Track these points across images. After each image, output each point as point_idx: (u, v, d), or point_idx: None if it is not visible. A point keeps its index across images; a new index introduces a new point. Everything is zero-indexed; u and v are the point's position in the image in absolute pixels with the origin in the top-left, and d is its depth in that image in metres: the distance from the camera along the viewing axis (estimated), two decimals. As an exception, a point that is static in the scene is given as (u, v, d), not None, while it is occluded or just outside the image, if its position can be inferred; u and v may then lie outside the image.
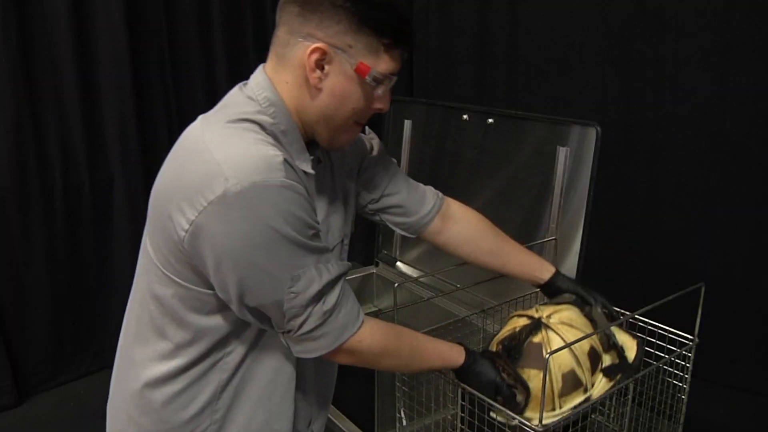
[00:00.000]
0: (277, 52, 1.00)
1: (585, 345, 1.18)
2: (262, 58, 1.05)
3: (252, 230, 0.88)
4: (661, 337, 1.28)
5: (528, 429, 1.08)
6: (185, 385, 1.03)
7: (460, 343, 1.16)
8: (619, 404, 1.34)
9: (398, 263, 2.18)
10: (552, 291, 1.33)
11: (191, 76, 2.79)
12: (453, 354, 1.12)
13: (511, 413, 1.10)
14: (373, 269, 2.25)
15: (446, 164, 2.03)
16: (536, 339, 1.19)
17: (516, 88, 2.85)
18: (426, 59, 3.24)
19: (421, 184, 1.33)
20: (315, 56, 0.95)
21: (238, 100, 1.00)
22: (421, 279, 2.05)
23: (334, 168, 1.16)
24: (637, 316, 1.26)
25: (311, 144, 1.06)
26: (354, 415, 1.44)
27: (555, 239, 1.63)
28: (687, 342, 1.26)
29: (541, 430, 1.07)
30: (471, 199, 1.92)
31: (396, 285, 1.31)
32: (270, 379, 1.06)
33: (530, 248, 1.71)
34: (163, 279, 1.00)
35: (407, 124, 2.13)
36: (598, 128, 1.57)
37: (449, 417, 1.31)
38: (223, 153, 0.89)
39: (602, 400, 1.23)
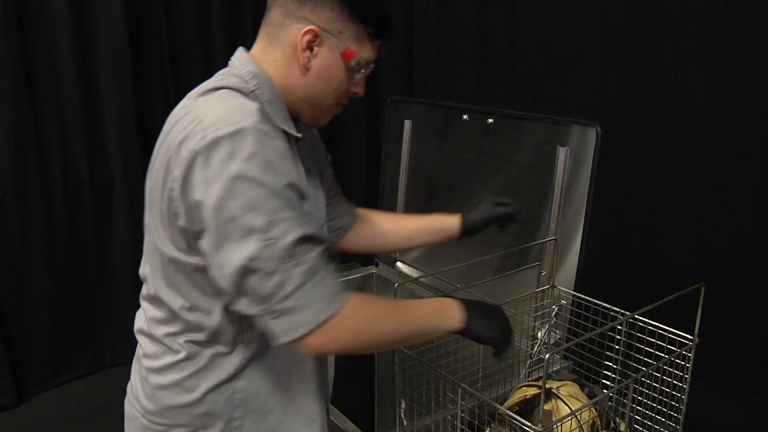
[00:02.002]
0: (269, 32, 1.06)
1: (587, 418, 1.26)
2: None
3: (230, 174, 0.86)
4: (661, 337, 1.28)
5: (528, 430, 1.08)
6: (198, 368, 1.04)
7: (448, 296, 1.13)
8: (620, 404, 1.34)
9: (398, 263, 2.18)
10: (470, 228, 1.37)
11: (191, 76, 2.79)
12: (446, 302, 1.07)
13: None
14: (373, 269, 2.25)
15: (446, 164, 2.03)
16: (547, 406, 1.26)
17: (516, 88, 2.86)
18: (426, 59, 3.24)
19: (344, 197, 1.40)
20: (307, 38, 1.01)
21: (221, 73, 1.05)
22: (421, 279, 2.05)
23: (311, 148, 1.22)
24: (637, 316, 1.26)
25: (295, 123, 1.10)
26: (354, 415, 1.44)
27: (555, 239, 1.63)
28: (687, 342, 1.26)
29: (541, 430, 1.07)
30: (471, 199, 1.93)
31: (396, 285, 1.31)
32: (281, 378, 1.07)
33: (530, 248, 1.72)
34: (176, 262, 0.98)
35: (407, 124, 2.13)
36: (598, 128, 1.57)
37: (449, 417, 1.31)
38: (203, 110, 0.94)
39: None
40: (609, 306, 1.41)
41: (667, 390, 1.28)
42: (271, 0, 1.05)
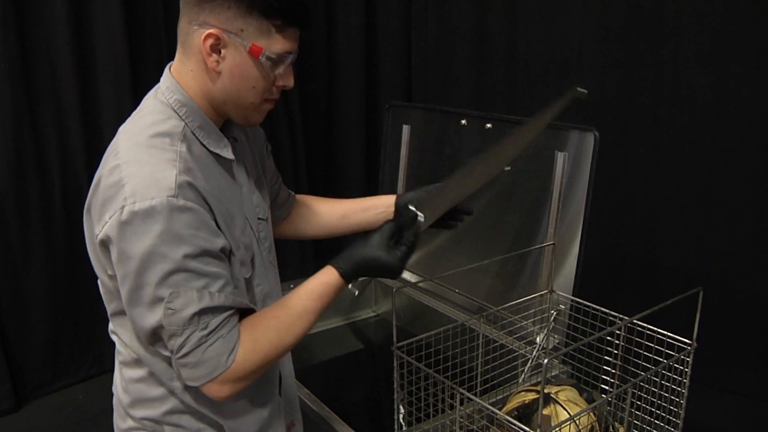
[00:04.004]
0: (181, 42, 1.06)
1: (586, 422, 1.26)
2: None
3: (141, 250, 0.93)
4: (660, 342, 1.28)
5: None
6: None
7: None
8: (618, 409, 1.34)
9: (397, 268, 2.18)
10: (406, 204, 1.33)
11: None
12: (325, 277, 1.09)
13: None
14: (371, 274, 2.25)
15: (445, 169, 2.04)
16: (546, 411, 1.27)
17: (514, 92, 2.86)
18: (424, 64, 3.24)
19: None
20: (209, 41, 1.00)
21: (153, 108, 1.06)
22: (419, 284, 2.05)
23: (250, 141, 1.24)
24: (635, 321, 1.26)
25: (227, 126, 1.13)
26: (353, 419, 1.44)
27: (553, 244, 1.63)
28: (685, 346, 1.26)
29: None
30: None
31: (395, 290, 1.31)
32: None
33: (528, 253, 1.72)
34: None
35: (406, 129, 2.13)
36: (596, 133, 1.58)
37: (448, 422, 1.31)
38: (128, 169, 0.97)
39: None
40: (607, 310, 1.41)
41: (666, 394, 1.28)
42: (180, 9, 1.05)
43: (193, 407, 1.11)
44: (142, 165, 0.97)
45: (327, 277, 1.08)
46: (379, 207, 1.40)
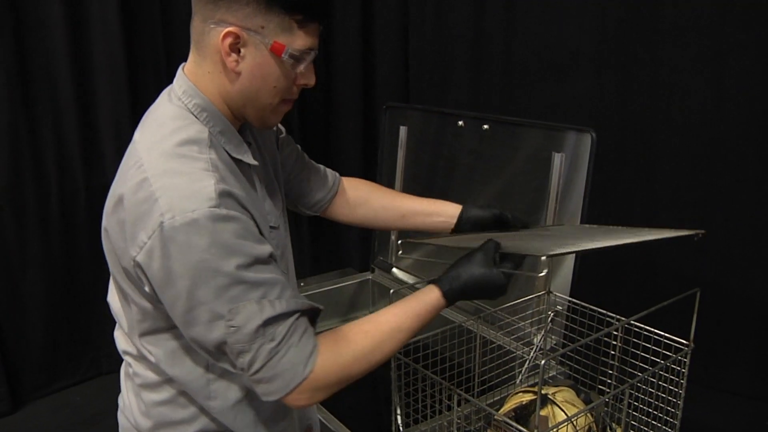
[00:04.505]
0: (195, 42, 1.00)
1: (583, 423, 1.26)
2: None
3: (190, 267, 0.87)
4: (657, 343, 1.28)
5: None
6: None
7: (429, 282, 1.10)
8: (616, 410, 1.34)
9: (394, 269, 2.19)
10: (467, 225, 1.33)
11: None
12: (426, 296, 1.06)
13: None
14: (369, 275, 2.25)
15: (442, 170, 2.04)
16: (543, 412, 1.27)
17: (511, 93, 2.86)
18: (421, 65, 3.25)
19: (321, 165, 1.38)
20: (228, 40, 0.94)
21: (171, 114, 1.01)
22: (417, 285, 2.05)
23: (259, 143, 1.18)
24: (632, 322, 1.27)
25: (242, 129, 1.08)
26: (350, 421, 1.44)
27: (551, 245, 1.63)
28: (682, 347, 1.26)
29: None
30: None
31: (392, 291, 1.31)
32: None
33: (526, 255, 1.71)
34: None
35: (403, 130, 2.13)
36: (593, 134, 1.58)
37: (446, 423, 1.31)
38: (159, 183, 0.90)
39: None
40: (605, 311, 1.41)
41: (663, 395, 1.28)
42: (192, 7, 0.99)
43: (225, 427, 1.06)
44: (174, 176, 0.91)
45: (428, 297, 1.06)
46: (441, 215, 1.35)
